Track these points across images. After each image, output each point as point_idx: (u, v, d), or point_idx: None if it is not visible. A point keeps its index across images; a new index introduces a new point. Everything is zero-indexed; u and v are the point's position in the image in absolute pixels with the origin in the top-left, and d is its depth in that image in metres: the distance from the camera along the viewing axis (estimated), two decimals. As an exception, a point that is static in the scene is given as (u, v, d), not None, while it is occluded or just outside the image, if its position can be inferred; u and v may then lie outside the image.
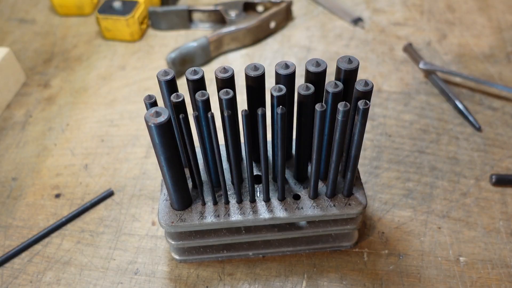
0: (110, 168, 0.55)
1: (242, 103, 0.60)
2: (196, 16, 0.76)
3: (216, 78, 0.37)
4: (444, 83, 0.62)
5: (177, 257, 0.45)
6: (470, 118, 0.58)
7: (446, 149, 0.55)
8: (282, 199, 0.41)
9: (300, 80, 0.63)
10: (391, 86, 0.64)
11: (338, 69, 0.37)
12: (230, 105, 0.35)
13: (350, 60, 0.36)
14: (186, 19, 0.75)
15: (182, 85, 0.58)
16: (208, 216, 0.40)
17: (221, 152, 0.38)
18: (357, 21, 0.75)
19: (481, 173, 0.52)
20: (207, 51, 0.69)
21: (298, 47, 0.72)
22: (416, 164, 0.53)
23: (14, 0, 0.85)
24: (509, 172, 0.52)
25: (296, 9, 0.79)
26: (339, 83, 0.35)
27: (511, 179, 0.50)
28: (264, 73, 0.37)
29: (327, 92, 0.35)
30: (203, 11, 0.75)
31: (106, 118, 0.61)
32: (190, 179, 0.42)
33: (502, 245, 0.46)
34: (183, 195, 0.40)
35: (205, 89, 0.37)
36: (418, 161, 0.54)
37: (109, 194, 0.52)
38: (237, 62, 0.69)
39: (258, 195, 0.41)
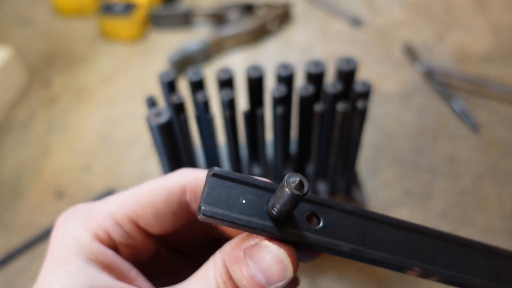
0: (112, 168, 0.55)
1: (242, 104, 0.61)
2: (197, 18, 0.77)
3: (217, 79, 0.38)
4: (441, 84, 0.63)
5: (178, 255, 0.45)
6: (467, 118, 0.58)
7: (444, 149, 0.56)
8: (281, 198, 0.41)
9: (299, 81, 0.63)
10: (389, 87, 0.64)
11: (337, 70, 0.37)
12: (230, 105, 0.36)
13: (348, 61, 0.37)
14: (187, 20, 0.76)
15: (182, 86, 0.58)
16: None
17: (221, 152, 0.38)
18: (355, 22, 0.76)
19: (478, 173, 0.53)
20: (208, 53, 0.69)
21: (298, 48, 0.72)
22: (414, 164, 0.54)
23: (17, 2, 0.86)
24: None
25: (295, 11, 0.80)
26: (338, 84, 0.36)
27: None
28: (264, 74, 0.38)
29: (326, 92, 0.36)
30: (204, 13, 0.76)
31: (108, 119, 0.62)
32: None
33: (498, 244, 0.46)
34: (185, 194, 0.40)
35: (205, 90, 0.38)
36: (416, 160, 0.54)
37: (111, 193, 0.52)
38: (237, 64, 0.70)
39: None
